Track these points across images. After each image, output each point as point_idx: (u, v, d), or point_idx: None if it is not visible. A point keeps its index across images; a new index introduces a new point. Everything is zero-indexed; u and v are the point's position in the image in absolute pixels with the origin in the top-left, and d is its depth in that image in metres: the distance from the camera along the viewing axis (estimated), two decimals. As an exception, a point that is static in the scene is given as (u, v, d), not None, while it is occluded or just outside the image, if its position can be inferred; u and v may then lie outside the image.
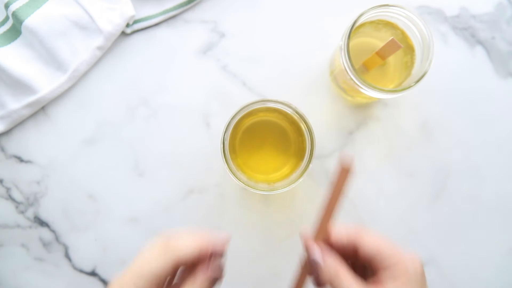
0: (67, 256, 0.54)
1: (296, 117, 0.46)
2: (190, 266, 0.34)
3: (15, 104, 0.53)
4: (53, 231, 0.54)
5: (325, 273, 0.32)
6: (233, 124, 0.45)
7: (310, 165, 0.44)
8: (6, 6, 0.51)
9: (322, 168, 0.53)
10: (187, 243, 0.33)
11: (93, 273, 0.54)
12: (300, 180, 0.44)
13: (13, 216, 0.54)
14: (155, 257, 0.32)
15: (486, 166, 0.54)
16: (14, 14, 0.51)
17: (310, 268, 0.34)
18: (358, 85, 0.45)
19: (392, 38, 0.45)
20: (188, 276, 0.34)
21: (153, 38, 0.55)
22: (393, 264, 0.32)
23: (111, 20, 0.53)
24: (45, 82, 0.53)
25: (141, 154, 0.54)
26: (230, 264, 0.53)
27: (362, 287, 0.32)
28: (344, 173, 0.33)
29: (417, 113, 0.54)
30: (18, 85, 0.52)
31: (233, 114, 0.45)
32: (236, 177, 0.44)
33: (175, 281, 0.35)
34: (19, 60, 0.52)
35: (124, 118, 0.54)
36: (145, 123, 0.54)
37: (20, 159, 0.54)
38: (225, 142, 0.45)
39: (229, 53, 0.54)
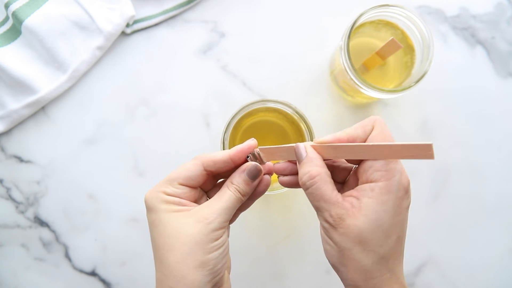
0: (67, 256, 0.54)
1: (296, 117, 0.46)
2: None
3: (15, 104, 0.53)
4: (53, 231, 0.54)
5: (307, 164, 0.32)
6: (233, 124, 0.45)
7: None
8: (6, 6, 0.51)
9: (322, 168, 0.53)
10: (213, 153, 0.35)
11: (93, 273, 0.54)
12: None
13: (13, 216, 0.54)
14: (184, 166, 0.34)
15: (486, 166, 0.54)
16: (14, 14, 0.51)
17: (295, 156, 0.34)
18: (358, 85, 0.45)
19: (392, 38, 0.45)
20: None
21: (153, 38, 0.55)
22: (378, 179, 0.31)
23: (111, 20, 0.53)
24: (45, 82, 0.53)
25: (141, 154, 0.54)
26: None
27: (334, 194, 0.31)
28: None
29: (417, 113, 0.54)
30: (18, 85, 0.52)
31: (233, 114, 0.45)
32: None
33: None
34: (19, 60, 0.52)
35: (124, 118, 0.54)
36: (145, 123, 0.54)
37: (20, 159, 0.54)
38: (225, 142, 0.45)
39: (229, 53, 0.54)
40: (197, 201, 0.36)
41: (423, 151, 0.28)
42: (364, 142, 0.32)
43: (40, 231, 0.54)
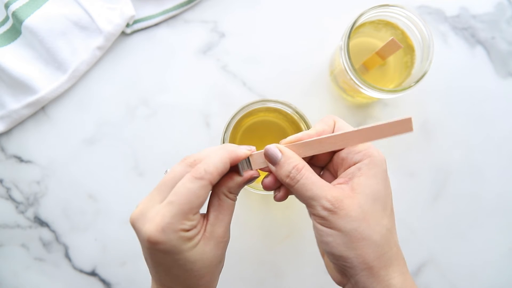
0: (67, 256, 0.54)
1: (296, 117, 0.46)
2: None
3: (15, 104, 0.53)
4: (53, 231, 0.54)
5: (284, 165, 0.32)
6: (233, 124, 0.45)
7: (310, 165, 0.44)
8: (6, 6, 0.51)
9: (322, 168, 0.54)
10: (214, 164, 0.32)
11: (93, 273, 0.54)
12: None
13: (13, 216, 0.54)
14: (193, 191, 0.30)
15: (486, 166, 0.54)
16: (14, 14, 0.51)
17: (270, 160, 0.33)
18: (358, 85, 0.45)
19: (392, 38, 0.45)
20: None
21: (153, 38, 0.55)
22: (361, 158, 0.32)
23: (111, 20, 0.53)
24: (45, 82, 0.53)
25: (141, 154, 0.54)
26: (230, 264, 0.53)
27: (325, 182, 0.32)
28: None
29: (417, 113, 0.54)
30: (18, 85, 0.52)
31: (233, 114, 0.45)
32: (236, 177, 0.44)
33: None
34: (19, 60, 0.52)
35: (124, 118, 0.54)
36: (145, 123, 0.54)
37: (20, 159, 0.54)
38: (225, 142, 0.45)
39: (229, 53, 0.54)
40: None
41: (404, 126, 0.31)
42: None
43: (40, 231, 0.54)
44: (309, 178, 0.32)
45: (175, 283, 0.33)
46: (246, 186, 0.44)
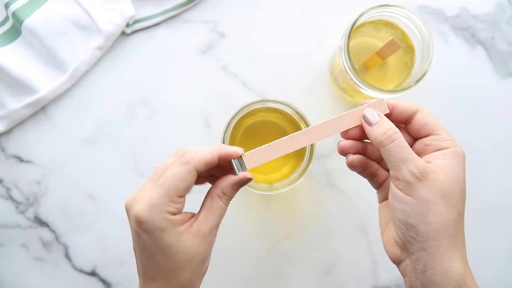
0: (67, 256, 0.54)
1: (296, 117, 0.46)
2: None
3: (15, 104, 0.53)
4: (53, 231, 0.54)
5: (382, 126, 0.34)
6: (233, 124, 0.45)
7: (310, 165, 0.44)
8: (6, 6, 0.52)
9: (322, 168, 0.53)
10: (202, 153, 0.33)
11: (93, 273, 0.54)
12: (300, 180, 0.44)
13: (13, 216, 0.54)
14: (177, 174, 0.32)
15: (486, 166, 0.54)
16: (14, 14, 0.51)
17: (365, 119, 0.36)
18: (358, 85, 0.45)
19: (392, 38, 0.45)
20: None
21: (153, 38, 0.55)
22: (447, 146, 0.34)
23: (111, 20, 0.53)
24: (45, 82, 0.53)
25: (141, 154, 0.54)
26: (230, 264, 0.53)
27: (415, 154, 0.33)
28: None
29: (417, 113, 0.54)
30: (18, 85, 0.52)
31: (233, 114, 0.45)
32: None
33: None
34: (19, 60, 0.52)
35: (124, 118, 0.54)
36: (145, 123, 0.54)
37: (20, 159, 0.54)
38: (225, 142, 0.45)
39: (229, 53, 0.54)
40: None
41: (379, 107, 0.36)
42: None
43: (40, 231, 0.54)
44: (404, 141, 0.33)
45: (157, 273, 0.34)
46: (246, 186, 0.44)
